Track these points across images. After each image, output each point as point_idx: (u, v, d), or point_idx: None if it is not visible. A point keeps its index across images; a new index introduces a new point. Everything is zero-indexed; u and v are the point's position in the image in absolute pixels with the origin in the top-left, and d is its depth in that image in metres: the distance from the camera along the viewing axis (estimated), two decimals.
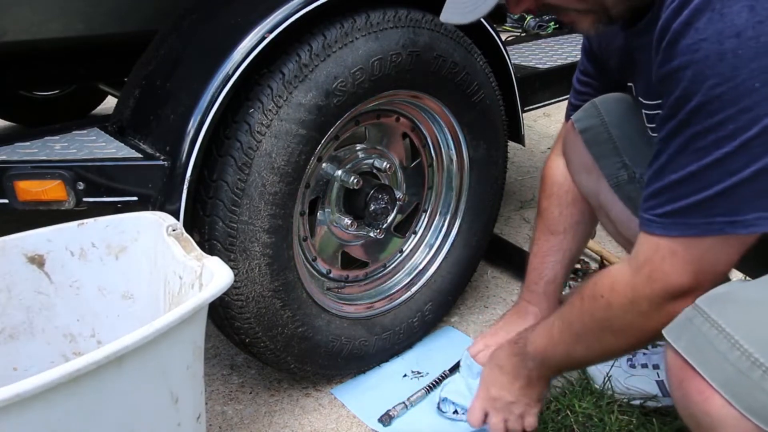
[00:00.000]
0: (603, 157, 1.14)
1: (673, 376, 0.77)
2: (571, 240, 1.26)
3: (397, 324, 1.43)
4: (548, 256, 1.27)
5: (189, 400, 0.85)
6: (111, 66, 1.56)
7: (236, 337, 1.19)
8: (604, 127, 1.13)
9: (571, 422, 1.22)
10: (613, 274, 0.88)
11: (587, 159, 1.17)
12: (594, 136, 1.15)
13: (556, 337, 0.98)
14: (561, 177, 1.26)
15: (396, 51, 1.17)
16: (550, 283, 1.27)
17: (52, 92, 2.72)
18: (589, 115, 1.15)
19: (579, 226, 1.26)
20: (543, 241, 1.27)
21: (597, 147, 1.15)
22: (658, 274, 0.80)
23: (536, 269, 1.28)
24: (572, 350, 0.97)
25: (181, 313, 0.75)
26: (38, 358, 1.00)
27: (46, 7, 1.10)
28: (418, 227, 1.52)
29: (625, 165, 1.12)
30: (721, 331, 0.71)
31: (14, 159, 1.02)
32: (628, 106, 1.13)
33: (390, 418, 1.25)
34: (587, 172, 1.18)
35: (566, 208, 1.25)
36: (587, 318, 0.91)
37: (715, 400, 0.71)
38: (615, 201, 1.16)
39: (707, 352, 0.72)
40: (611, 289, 0.86)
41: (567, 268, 1.28)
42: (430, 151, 1.47)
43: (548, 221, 1.27)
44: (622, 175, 1.13)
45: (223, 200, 1.06)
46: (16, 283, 0.97)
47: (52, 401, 0.64)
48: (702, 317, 0.74)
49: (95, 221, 1.00)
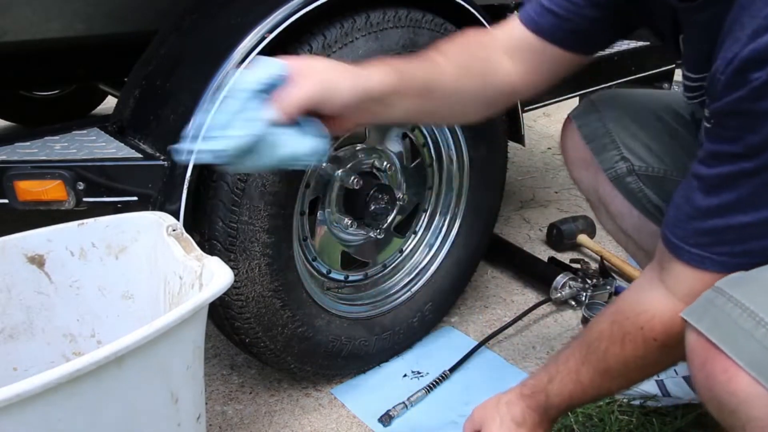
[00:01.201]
0: (601, 150, 1.16)
1: (696, 357, 0.74)
2: (454, 75, 0.94)
3: (397, 324, 1.43)
4: (415, 61, 0.93)
5: (189, 400, 0.85)
6: (111, 66, 1.56)
7: (236, 337, 1.19)
8: (601, 122, 1.15)
9: (571, 422, 1.22)
10: (664, 314, 0.83)
11: (586, 153, 1.18)
12: (591, 131, 1.16)
13: (587, 383, 0.93)
14: (486, 45, 1.01)
15: (396, 51, 1.17)
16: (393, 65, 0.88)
17: (52, 92, 2.72)
18: (586, 112, 1.17)
19: (468, 82, 0.97)
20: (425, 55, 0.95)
21: (595, 141, 1.16)
22: None
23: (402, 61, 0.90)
24: (606, 390, 0.94)
25: (181, 313, 0.75)
26: (38, 358, 1.00)
27: (46, 7, 1.10)
28: (418, 227, 1.52)
29: (623, 157, 1.13)
30: (745, 309, 0.69)
31: (14, 159, 1.02)
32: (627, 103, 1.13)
33: (390, 418, 1.26)
34: (586, 167, 1.19)
35: (475, 55, 0.98)
36: (633, 362, 0.87)
37: (741, 379, 0.69)
38: (614, 194, 1.17)
39: (732, 330, 0.70)
40: (667, 332, 0.82)
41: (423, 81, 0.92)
42: (430, 151, 1.47)
43: (447, 47, 0.97)
44: (621, 167, 1.14)
45: (223, 200, 1.06)
46: (16, 283, 0.97)
47: (52, 401, 0.64)
48: (724, 297, 0.71)
49: (95, 221, 1.00)
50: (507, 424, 1.03)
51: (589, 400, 0.98)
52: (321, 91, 0.80)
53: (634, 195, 1.16)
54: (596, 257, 1.89)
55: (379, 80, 0.86)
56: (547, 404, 0.99)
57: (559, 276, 1.65)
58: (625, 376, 0.90)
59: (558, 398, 0.97)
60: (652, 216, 1.17)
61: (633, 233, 1.22)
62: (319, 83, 0.80)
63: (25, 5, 1.08)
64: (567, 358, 0.96)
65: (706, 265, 0.77)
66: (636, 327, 0.85)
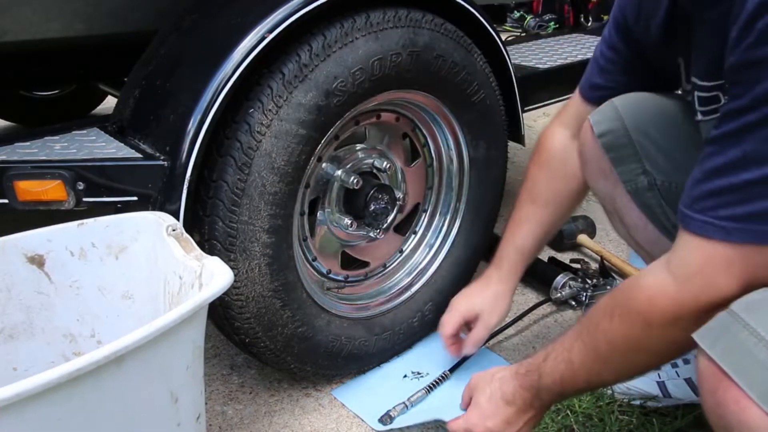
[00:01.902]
0: (621, 162, 1.08)
1: (706, 384, 0.72)
2: (551, 214, 1.24)
3: (397, 324, 1.43)
4: (523, 223, 1.25)
5: (189, 400, 0.85)
6: (111, 66, 1.56)
7: (236, 337, 1.19)
8: (624, 131, 1.07)
9: (571, 422, 1.22)
10: (651, 286, 0.81)
11: (605, 164, 1.11)
12: (613, 140, 1.08)
13: (577, 364, 0.91)
14: (557, 148, 1.22)
15: (396, 51, 1.17)
16: (517, 250, 1.26)
17: (52, 92, 2.72)
18: (608, 118, 1.09)
19: (563, 203, 1.24)
20: (522, 209, 1.26)
21: (615, 152, 1.08)
22: (711, 287, 0.74)
23: (507, 235, 1.27)
24: (596, 375, 0.91)
25: (181, 313, 0.75)
26: (38, 358, 0.99)
27: (46, 7, 1.10)
28: (418, 227, 1.52)
29: (645, 171, 1.06)
30: (761, 339, 0.67)
31: (14, 159, 1.01)
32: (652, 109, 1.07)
33: (390, 418, 1.25)
34: (604, 177, 1.13)
35: (554, 181, 1.23)
36: (619, 340, 0.85)
37: (752, 411, 0.67)
38: (631, 207, 1.10)
39: (745, 360, 0.68)
40: (650, 304, 0.80)
41: (539, 239, 1.26)
42: (430, 151, 1.47)
43: (533, 190, 1.25)
44: (642, 181, 1.07)
45: (223, 200, 1.06)
46: (16, 283, 0.97)
47: (52, 401, 0.64)
48: (739, 324, 0.69)
49: (95, 221, 1.00)
50: (496, 400, 1.04)
51: (581, 387, 0.95)
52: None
53: (651, 210, 1.10)
54: (596, 257, 1.89)
55: (515, 281, 1.29)
56: (540, 385, 0.98)
57: (559, 276, 1.65)
58: (612, 360, 0.87)
59: (549, 378, 0.96)
60: (669, 233, 1.10)
61: (646, 245, 1.17)
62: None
63: (25, 5, 1.08)
64: (564, 337, 0.95)
65: (707, 232, 0.74)
66: (625, 299, 0.84)
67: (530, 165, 1.27)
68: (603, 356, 0.88)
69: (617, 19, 1.09)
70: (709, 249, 0.74)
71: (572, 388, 0.96)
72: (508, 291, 1.29)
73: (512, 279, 1.29)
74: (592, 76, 1.17)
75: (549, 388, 0.97)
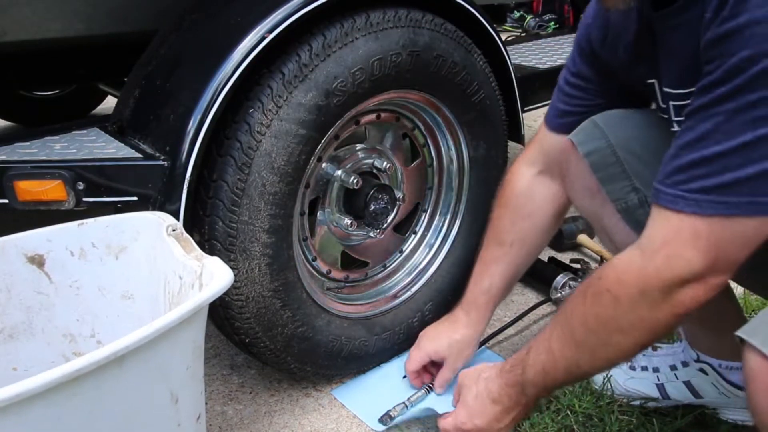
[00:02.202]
0: (610, 181, 1.06)
1: (761, 383, 0.69)
2: (517, 254, 1.24)
3: (397, 324, 1.43)
4: (490, 265, 1.25)
5: (189, 400, 0.85)
6: (111, 66, 1.56)
7: (236, 337, 1.19)
8: (610, 150, 1.04)
9: (571, 422, 1.22)
10: (620, 263, 0.81)
11: (592, 183, 1.08)
12: (600, 159, 1.05)
13: (557, 352, 0.91)
14: (521, 187, 1.22)
15: (396, 51, 1.17)
16: (484, 293, 1.25)
17: (52, 92, 2.72)
18: (592, 138, 1.06)
19: (529, 241, 1.23)
20: (488, 250, 1.26)
21: (603, 171, 1.05)
22: (677, 260, 0.73)
23: (475, 277, 1.27)
24: (575, 362, 0.90)
25: (181, 313, 0.75)
26: (38, 358, 0.99)
27: (46, 7, 1.10)
28: (418, 227, 1.52)
29: (635, 188, 1.03)
30: None
31: (14, 159, 1.02)
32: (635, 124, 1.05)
33: (390, 418, 1.25)
34: (591, 196, 1.10)
35: (519, 220, 1.22)
36: (591, 320, 0.84)
37: None
38: (621, 226, 1.07)
39: None
40: (618, 280, 0.80)
41: (507, 280, 1.26)
42: (430, 151, 1.47)
43: (497, 231, 1.25)
44: (632, 198, 1.04)
45: (223, 200, 1.06)
46: (16, 283, 0.97)
47: (52, 401, 0.64)
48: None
49: (95, 221, 1.00)
50: (482, 399, 1.05)
51: (561, 378, 0.95)
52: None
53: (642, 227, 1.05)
54: (596, 257, 1.89)
55: (484, 324, 1.29)
56: (524, 379, 0.98)
57: (559, 276, 1.65)
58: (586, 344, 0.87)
59: (532, 371, 0.96)
60: None
61: None
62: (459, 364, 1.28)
63: (25, 5, 1.08)
64: (546, 327, 0.96)
65: (677, 205, 0.74)
66: (596, 278, 0.84)
67: (494, 206, 1.27)
68: (578, 340, 0.88)
69: (581, 45, 1.09)
70: (677, 222, 0.74)
71: (553, 379, 0.96)
72: (474, 335, 1.29)
73: (480, 323, 1.29)
74: (557, 104, 1.16)
75: (533, 381, 0.98)
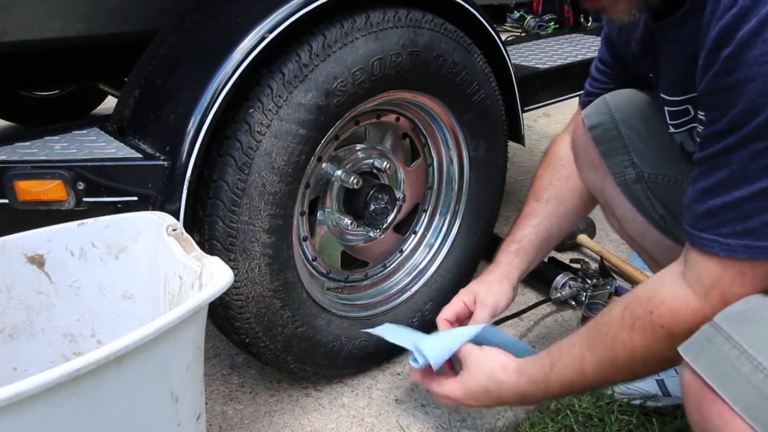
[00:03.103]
0: (611, 154, 1.13)
1: (691, 398, 0.73)
2: (553, 211, 1.25)
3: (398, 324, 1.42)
4: (526, 218, 1.27)
5: (189, 400, 0.85)
6: (111, 66, 1.57)
7: (236, 337, 1.19)
8: (613, 125, 1.12)
9: (571, 422, 1.22)
10: (672, 300, 0.81)
11: (594, 156, 1.16)
12: (602, 133, 1.13)
13: (590, 374, 0.91)
14: (563, 152, 1.26)
15: (396, 51, 1.17)
16: (516, 241, 1.26)
17: (52, 92, 2.72)
18: (598, 112, 1.14)
19: (566, 201, 1.25)
20: (526, 206, 1.29)
21: (605, 144, 1.14)
22: (730, 296, 0.75)
23: (512, 230, 1.29)
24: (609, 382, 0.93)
25: (181, 313, 0.75)
26: (38, 358, 1.00)
27: (46, 7, 1.10)
28: (418, 227, 1.52)
29: (633, 164, 1.11)
30: (743, 352, 0.68)
31: (14, 159, 1.02)
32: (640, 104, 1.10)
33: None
34: (594, 169, 1.18)
35: (558, 180, 1.26)
36: (641, 351, 0.84)
37: (736, 425, 0.68)
38: (620, 199, 1.15)
39: (728, 374, 0.69)
40: (674, 318, 0.80)
41: (539, 234, 1.26)
42: (430, 151, 1.47)
43: (537, 188, 1.28)
44: (630, 173, 1.12)
45: (223, 200, 1.06)
46: (16, 283, 0.97)
47: (52, 401, 0.64)
48: (722, 337, 0.70)
49: (95, 221, 1.00)
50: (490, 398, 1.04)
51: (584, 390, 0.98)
52: None
53: (640, 202, 1.15)
54: (596, 257, 1.89)
55: (517, 268, 1.25)
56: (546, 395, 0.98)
57: (559, 276, 1.65)
58: (630, 368, 0.88)
59: (557, 387, 0.95)
60: (657, 224, 1.15)
61: (637, 238, 1.21)
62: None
63: (25, 5, 1.08)
64: (572, 345, 0.93)
65: (714, 249, 0.76)
66: (646, 312, 0.83)
67: (537, 169, 1.30)
68: (620, 366, 0.88)
69: (606, 33, 1.16)
70: (719, 263, 0.76)
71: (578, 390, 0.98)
72: (505, 275, 1.25)
73: (514, 265, 1.26)
74: (586, 85, 1.24)
75: (552, 396, 0.98)
